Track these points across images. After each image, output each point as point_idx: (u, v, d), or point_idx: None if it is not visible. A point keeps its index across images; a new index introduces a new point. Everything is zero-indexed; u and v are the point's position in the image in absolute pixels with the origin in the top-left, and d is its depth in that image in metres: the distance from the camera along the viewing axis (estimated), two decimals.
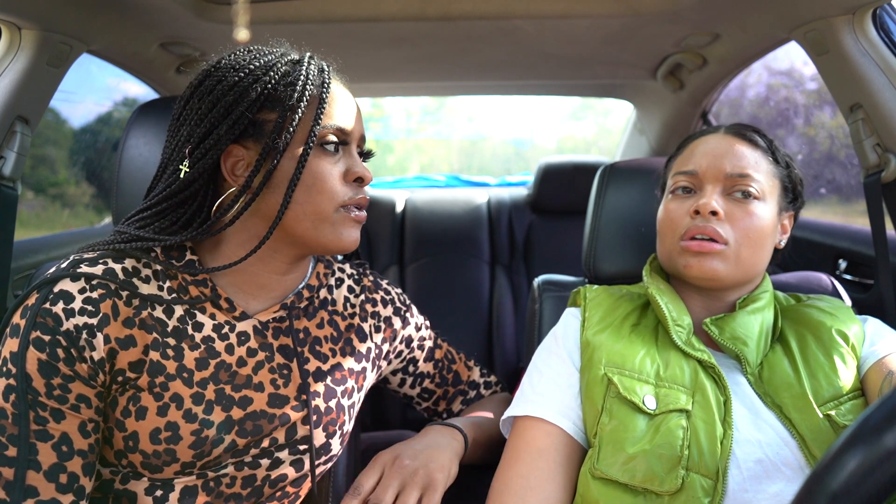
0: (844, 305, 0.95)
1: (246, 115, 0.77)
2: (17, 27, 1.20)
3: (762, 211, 0.90)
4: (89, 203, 2.69)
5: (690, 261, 0.88)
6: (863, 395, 0.84)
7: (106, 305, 0.75)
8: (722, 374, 0.85)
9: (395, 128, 4.51)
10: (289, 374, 0.85)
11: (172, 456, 0.76)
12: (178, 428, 0.76)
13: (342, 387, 0.90)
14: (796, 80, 2.42)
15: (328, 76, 0.82)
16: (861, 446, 0.38)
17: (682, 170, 0.95)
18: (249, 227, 0.82)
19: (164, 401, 0.77)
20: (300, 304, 0.89)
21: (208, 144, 0.77)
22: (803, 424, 0.80)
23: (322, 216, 0.81)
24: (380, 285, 1.03)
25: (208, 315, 0.82)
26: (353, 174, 0.83)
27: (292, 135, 0.78)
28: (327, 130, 0.80)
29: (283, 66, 0.80)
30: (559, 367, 0.92)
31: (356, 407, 0.93)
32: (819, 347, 0.87)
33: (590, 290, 1.00)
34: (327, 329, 0.92)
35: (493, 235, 2.40)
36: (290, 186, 0.78)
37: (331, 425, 0.87)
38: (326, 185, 0.80)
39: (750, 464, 0.78)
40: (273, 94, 0.78)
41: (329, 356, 0.90)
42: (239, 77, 0.78)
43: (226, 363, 0.81)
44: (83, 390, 0.74)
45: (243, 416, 0.80)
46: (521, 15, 1.47)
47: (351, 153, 0.85)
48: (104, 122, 2.66)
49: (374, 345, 0.97)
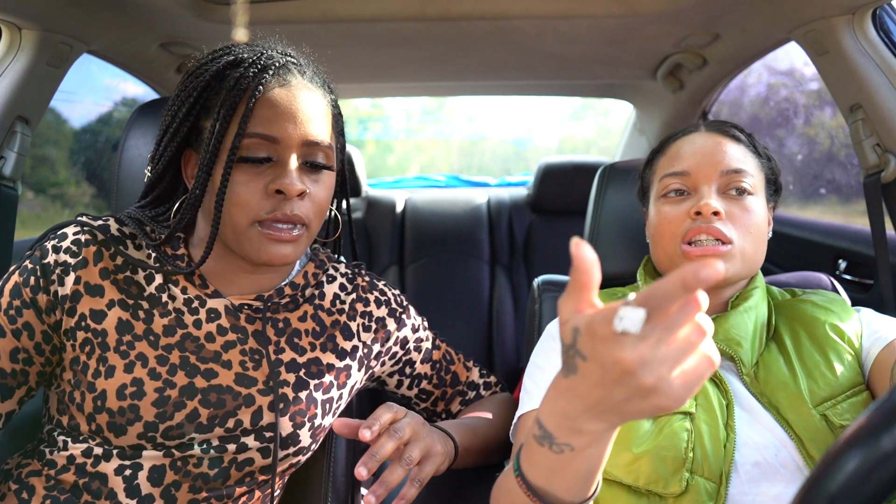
0: (839, 298, 0.94)
1: (185, 123, 0.81)
2: (17, 27, 1.20)
3: (757, 206, 0.90)
4: (89, 203, 2.69)
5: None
6: (865, 389, 0.83)
7: (89, 251, 0.82)
8: (723, 377, 0.84)
9: (395, 128, 4.51)
10: (260, 360, 0.86)
11: (136, 413, 0.78)
12: (143, 384, 0.79)
13: (317, 380, 0.89)
14: (796, 80, 2.42)
15: (271, 78, 0.79)
16: (859, 449, 0.38)
17: (671, 171, 0.93)
18: (202, 228, 0.87)
19: (129, 359, 0.80)
20: (279, 299, 0.90)
21: (161, 149, 0.83)
22: (800, 425, 0.79)
23: (237, 229, 0.80)
24: (375, 286, 1.02)
25: (180, 288, 0.85)
26: (274, 186, 0.79)
27: (213, 144, 0.78)
28: (249, 140, 0.78)
29: (218, 69, 0.80)
30: (557, 361, 0.92)
31: (337, 404, 0.93)
32: (814, 345, 0.86)
33: None
34: (310, 323, 0.92)
35: (492, 235, 2.40)
36: (219, 197, 0.79)
37: (299, 416, 0.86)
38: (241, 198, 0.78)
39: (748, 467, 0.78)
40: (209, 100, 0.81)
41: (307, 349, 0.90)
42: (186, 84, 0.82)
43: (192, 335, 0.84)
44: (32, 320, 0.80)
45: (207, 386, 0.82)
46: (521, 15, 1.47)
47: (283, 163, 0.79)
48: (104, 122, 2.66)
49: (363, 344, 0.96)
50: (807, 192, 2.40)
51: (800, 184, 2.44)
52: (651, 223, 0.96)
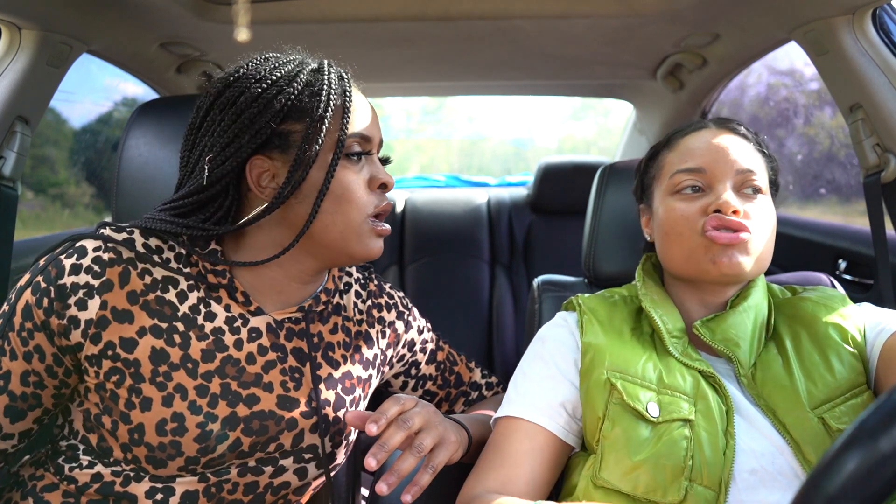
0: (839, 294, 0.92)
1: (269, 126, 0.77)
2: (17, 27, 1.20)
3: (768, 205, 0.89)
4: (89, 203, 2.69)
5: (719, 257, 0.83)
6: (866, 391, 0.82)
7: (114, 272, 0.76)
8: (723, 383, 0.83)
9: (395, 128, 4.52)
10: (300, 378, 0.84)
11: (178, 449, 0.75)
12: (184, 419, 0.75)
13: (351, 396, 0.89)
14: (796, 80, 2.42)
15: (349, 84, 0.81)
16: (858, 450, 0.38)
17: (685, 167, 0.90)
18: (275, 234, 0.81)
19: (167, 391, 0.76)
20: (317, 307, 0.88)
21: (229, 153, 0.77)
22: (797, 428, 0.78)
23: (351, 227, 0.80)
24: (383, 289, 1.02)
25: (223, 305, 0.81)
26: (378, 181, 0.82)
27: (321, 145, 0.77)
28: (353, 139, 0.80)
29: (306, 76, 0.79)
30: (543, 369, 0.90)
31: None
32: (814, 345, 0.85)
33: (583, 298, 0.98)
34: (340, 335, 0.91)
35: (492, 235, 2.40)
36: (319, 197, 0.77)
37: (337, 435, 0.86)
38: (354, 196, 0.80)
39: (745, 475, 0.77)
40: (298, 104, 0.77)
41: (340, 363, 0.89)
42: (262, 88, 0.77)
43: (233, 358, 0.80)
44: (43, 343, 0.75)
45: (249, 414, 0.79)
46: (521, 15, 1.47)
47: (373, 160, 0.84)
48: (104, 122, 2.66)
49: (380, 350, 0.96)
50: (807, 192, 2.40)
51: (800, 184, 2.44)
52: (661, 220, 0.92)
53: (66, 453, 0.80)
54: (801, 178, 2.45)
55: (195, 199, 0.79)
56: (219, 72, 0.83)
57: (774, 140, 2.52)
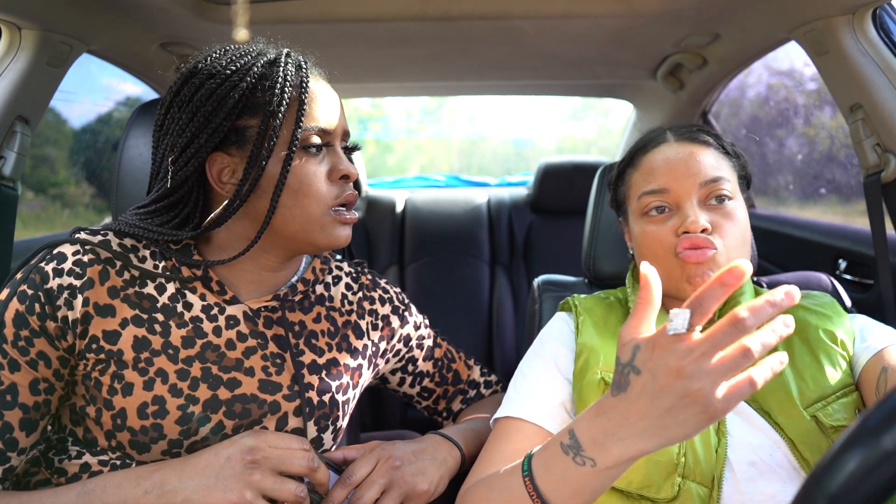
0: (832, 301, 0.93)
1: (225, 124, 0.77)
2: (17, 27, 1.20)
3: (738, 210, 0.88)
4: (89, 203, 2.69)
5: (693, 277, 0.85)
6: (856, 390, 0.83)
7: (94, 270, 0.77)
8: None
9: (395, 128, 4.52)
10: (282, 364, 0.85)
11: (159, 432, 0.76)
12: (165, 402, 0.76)
13: (337, 382, 0.89)
14: (796, 80, 2.42)
15: (306, 74, 0.80)
16: (859, 448, 0.38)
17: (649, 189, 0.91)
18: (242, 228, 0.83)
19: (149, 375, 0.77)
20: (293, 296, 0.89)
21: (189, 154, 0.78)
22: (791, 428, 0.79)
23: (311, 219, 0.81)
24: (378, 284, 1.03)
25: (198, 295, 0.83)
26: (339, 172, 0.82)
27: (275, 140, 0.77)
28: (309, 132, 0.79)
29: (260, 69, 0.79)
30: (543, 369, 0.91)
31: (351, 404, 0.93)
32: (805, 348, 0.86)
33: (579, 298, 0.99)
34: (324, 324, 0.92)
35: (493, 235, 2.40)
36: (276, 191, 0.78)
37: (323, 419, 0.86)
38: (313, 189, 0.80)
39: (743, 466, 0.78)
40: (251, 99, 0.78)
41: (325, 350, 0.90)
42: (216, 84, 0.77)
43: (213, 344, 0.81)
44: (46, 348, 0.75)
45: (231, 397, 0.80)
46: (521, 15, 1.47)
47: (335, 151, 0.84)
48: (104, 122, 2.66)
49: (371, 342, 0.97)
50: (807, 192, 2.40)
51: (800, 184, 2.44)
52: (637, 241, 0.94)
53: (56, 447, 0.82)
54: (801, 178, 2.45)
55: (164, 203, 0.82)
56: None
57: (774, 140, 2.52)
